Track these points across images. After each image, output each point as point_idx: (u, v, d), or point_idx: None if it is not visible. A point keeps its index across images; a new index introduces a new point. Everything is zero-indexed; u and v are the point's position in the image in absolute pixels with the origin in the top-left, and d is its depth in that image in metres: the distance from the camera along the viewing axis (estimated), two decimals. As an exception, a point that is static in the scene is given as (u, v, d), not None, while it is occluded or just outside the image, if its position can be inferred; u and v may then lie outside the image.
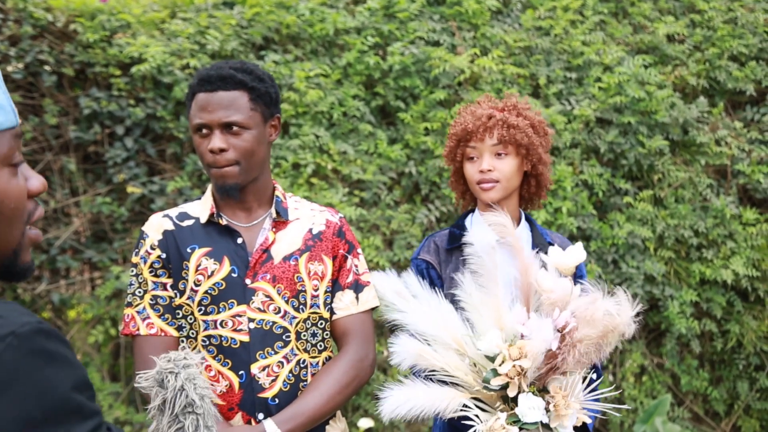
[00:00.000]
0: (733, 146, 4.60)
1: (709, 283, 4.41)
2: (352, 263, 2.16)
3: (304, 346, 2.05)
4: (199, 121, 1.99)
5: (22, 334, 0.87)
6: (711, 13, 5.00)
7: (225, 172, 1.99)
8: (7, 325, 0.87)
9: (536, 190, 2.32)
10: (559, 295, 1.88)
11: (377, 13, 4.51)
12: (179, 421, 1.37)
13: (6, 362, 0.85)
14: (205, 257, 2.02)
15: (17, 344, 0.86)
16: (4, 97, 0.97)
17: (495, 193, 2.21)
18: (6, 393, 0.85)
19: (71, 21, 4.07)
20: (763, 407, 4.50)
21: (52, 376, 0.88)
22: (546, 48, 4.68)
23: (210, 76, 2.00)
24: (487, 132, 2.19)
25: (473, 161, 2.23)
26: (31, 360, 0.87)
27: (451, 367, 1.88)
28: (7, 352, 0.85)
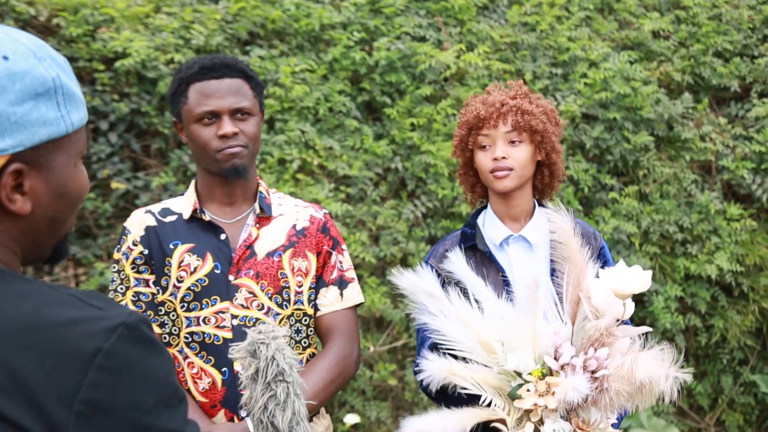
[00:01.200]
0: (717, 142, 4.62)
1: (693, 278, 4.44)
2: (336, 259, 2.15)
3: (288, 342, 2.04)
4: (207, 108, 1.97)
5: (130, 324, 0.91)
6: (696, 10, 5.02)
7: (236, 152, 1.98)
8: (115, 317, 0.91)
9: (549, 180, 2.21)
10: (606, 321, 1.73)
11: (363, 8, 4.50)
12: (271, 389, 1.42)
13: (119, 353, 0.89)
14: (187, 253, 2.01)
15: (127, 334, 0.90)
16: (78, 90, 1.02)
17: (509, 182, 2.10)
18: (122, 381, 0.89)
19: (54, 15, 4.03)
20: (747, 401, 4.53)
21: (156, 362, 0.93)
22: (532, 44, 4.69)
23: (214, 64, 1.99)
24: (501, 118, 2.10)
25: (485, 150, 2.12)
26: (140, 348, 0.91)
27: (482, 383, 1.77)
28: (119, 343, 0.89)
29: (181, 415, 0.96)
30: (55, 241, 1.05)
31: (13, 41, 0.95)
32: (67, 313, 0.90)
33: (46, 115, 0.95)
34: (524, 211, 2.18)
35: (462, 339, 1.79)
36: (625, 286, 1.72)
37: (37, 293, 0.93)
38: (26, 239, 1.00)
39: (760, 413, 4.61)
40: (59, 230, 1.04)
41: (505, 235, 2.15)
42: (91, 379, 0.87)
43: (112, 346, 0.89)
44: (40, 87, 0.95)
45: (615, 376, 1.68)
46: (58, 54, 1.01)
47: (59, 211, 1.01)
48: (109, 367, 0.88)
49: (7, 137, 0.92)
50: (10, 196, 0.95)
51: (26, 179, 0.95)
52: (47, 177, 0.98)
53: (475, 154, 2.17)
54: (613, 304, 1.73)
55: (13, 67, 0.93)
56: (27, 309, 0.91)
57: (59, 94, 0.97)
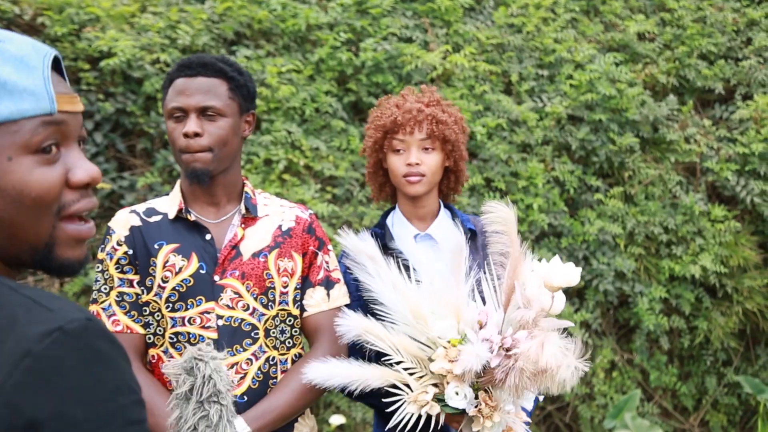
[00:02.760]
0: (702, 144, 4.65)
1: (678, 279, 4.46)
2: (322, 260, 2.15)
3: (273, 343, 2.03)
4: (175, 104, 1.96)
5: (70, 330, 0.86)
6: (681, 12, 5.05)
7: (197, 157, 1.96)
8: (55, 320, 0.86)
9: (455, 185, 2.35)
10: (534, 311, 1.86)
11: (350, 9, 4.50)
12: (204, 409, 1.38)
13: (50, 358, 0.84)
14: (173, 253, 2.00)
15: (63, 340, 0.85)
16: (39, 82, 0.95)
17: (421, 187, 2.21)
18: (48, 388, 0.84)
19: (39, 14, 4.01)
20: (731, 402, 4.56)
21: (99, 375, 0.87)
22: (518, 45, 4.70)
23: (191, 62, 2.00)
24: (417, 126, 2.20)
25: (399, 153, 2.22)
26: (76, 357, 0.86)
27: (396, 346, 1.90)
28: (52, 347, 0.84)
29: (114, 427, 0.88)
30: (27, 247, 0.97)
31: None
32: (13, 315, 0.87)
33: None
34: (430, 211, 2.31)
35: (394, 303, 1.92)
36: (555, 278, 1.87)
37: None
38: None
39: (744, 414, 4.64)
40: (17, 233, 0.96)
41: (412, 233, 2.27)
42: (15, 380, 0.83)
43: (43, 350, 0.84)
44: None
45: (523, 356, 1.80)
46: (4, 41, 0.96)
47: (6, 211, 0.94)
48: (35, 371, 0.84)
49: None
50: None
51: None
52: None
53: (387, 157, 2.27)
54: (543, 295, 1.87)
55: None
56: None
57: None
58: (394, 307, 1.93)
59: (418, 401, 1.85)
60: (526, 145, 4.45)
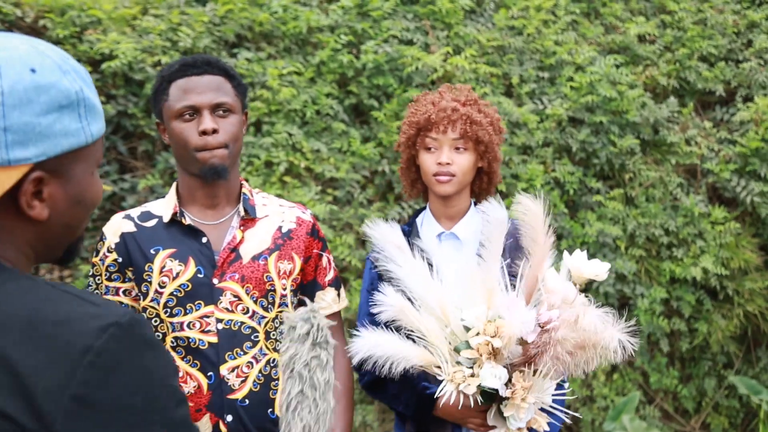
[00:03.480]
0: (702, 146, 4.65)
1: (679, 281, 4.46)
2: (327, 260, 2.16)
3: (273, 345, 2.03)
4: (187, 103, 1.94)
5: (124, 324, 0.92)
6: (681, 14, 5.05)
7: (216, 153, 1.95)
8: (108, 315, 0.93)
9: (487, 187, 2.32)
10: (559, 299, 1.84)
11: (351, 11, 4.50)
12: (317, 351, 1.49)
13: (110, 351, 0.90)
14: (169, 259, 1.98)
15: (119, 334, 0.92)
16: (98, 101, 1.06)
17: (450, 187, 2.19)
18: (110, 380, 0.90)
19: (41, 16, 4.02)
20: (732, 404, 4.56)
21: (150, 364, 0.94)
22: (519, 47, 4.70)
23: (195, 61, 1.98)
24: (450, 125, 2.17)
25: (431, 152, 2.21)
26: (132, 349, 0.93)
27: (428, 331, 1.86)
28: (111, 341, 0.91)
29: (178, 418, 0.97)
30: (68, 244, 1.10)
31: (40, 55, 0.98)
32: (63, 311, 0.93)
33: (69, 127, 0.99)
34: (460, 211, 2.28)
35: (421, 294, 1.89)
36: (585, 270, 1.88)
37: (38, 291, 0.96)
38: (41, 243, 1.04)
39: (745, 416, 4.64)
40: (73, 235, 1.09)
41: (437, 232, 2.26)
42: (81, 376, 0.89)
43: (102, 345, 0.90)
44: (64, 99, 0.99)
45: (562, 326, 1.77)
46: (81, 66, 1.04)
47: (75, 218, 1.06)
48: (98, 366, 0.90)
49: (32, 147, 0.96)
50: (29, 202, 0.99)
51: (46, 187, 0.99)
52: (65, 185, 1.02)
53: (419, 154, 2.25)
54: (567, 288, 1.86)
55: (39, 80, 0.96)
56: (27, 305, 0.93)
57: (81, 106, 1.01)
58: (422, 297, 1.89)
59: (455, 380, 1.81)
60: (526, 147, 4.45)
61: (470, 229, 2.25)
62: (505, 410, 1.85)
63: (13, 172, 0.96)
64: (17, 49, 0.98)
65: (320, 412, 1.44)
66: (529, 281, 1.91)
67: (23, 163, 0.96)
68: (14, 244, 1.02)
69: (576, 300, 1.86)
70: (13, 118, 0.95)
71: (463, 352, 1.81)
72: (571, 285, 1.88)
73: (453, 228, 2.25)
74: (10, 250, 1.01)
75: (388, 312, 1.87)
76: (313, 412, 1.44)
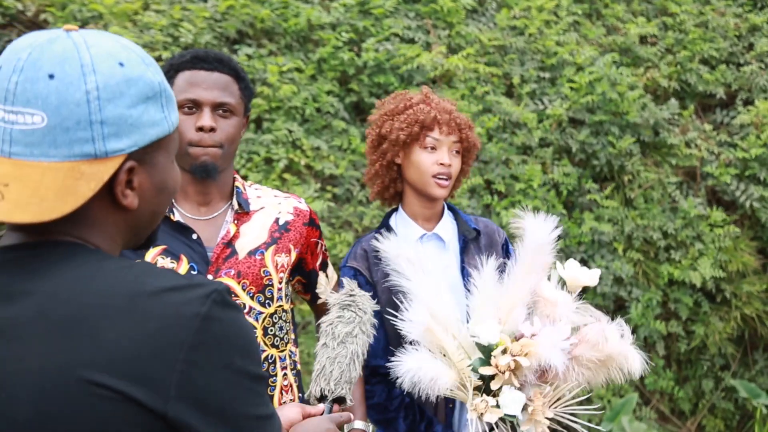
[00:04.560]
0: (702, 148, 4.65)
1: (677, 284, 4.46)
2: (321, 246, 2.17)
3: (271, 341, 2.00)
4: (191, 96, 1.91)
5: (221, 290, 1.00)
6: (683, 17, 5.05)
7: (208, 151, 1.92)
8: (206, 285, 1.00)
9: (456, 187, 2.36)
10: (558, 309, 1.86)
11: (352, 9, 4.50)
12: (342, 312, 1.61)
13: (215, 317, 0.98)
14: (160, 256, 1.94)
15: (220, 300, 0.99)
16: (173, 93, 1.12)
17: (447, 190, 2.19)
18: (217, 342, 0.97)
19: (42, 10, 4.02)
20: (728, 407, 4.56)
21: (245, 324, 1.02)
22: (520, 47, 4.70)
23: (208, 55, 1.95)
24: (454, 128, 2.19)
25: (429, 151, 2.18)
26: (230, 313, 1.00)
27: (450, 350, 1.87)
28: (214, 307, 0.98)
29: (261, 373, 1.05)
30: (151, 231, 1.16)
31: (125, 49, 1.04)
32: (165, 282, 0.99)
33: (154, 117, 1.05)
34: (437, 212, 2.29)
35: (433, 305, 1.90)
36: (580, 277, 1.93)
37: (137, 266, 1.02)
38: (129, 230, 1.10)
39: (741, 419, 4.64)
40: (157, 222, 1.15)
41: (419, 234, 2.23)
42: (191, 341, 0.95)
43: (208, 311, 0.97)
44: (150, 91, 1.05)
45: (583, 345, 1.78)
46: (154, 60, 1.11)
47: (160, 205, 1.12)
48: (206, 330, 0.96)
49: (125, 138, 1.02)
50: (123, 192, 1.04)
51: (136, 176, 1.05)
52: (152, 173, 1.08)
53: (412, 153, 2.20)
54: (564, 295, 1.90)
55: (128, 73, 1.02)
56: (129, 279, 0.99)
57: (163, 97, 1.07)
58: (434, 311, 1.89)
59: (477, 408, 1.82)
60: (526, 147, 4.45)
61: (450, 230, 2.27)
62: (522, 426, 1.84)
63: (110, 163, 1.01)
64: (103, 45, 1.03)
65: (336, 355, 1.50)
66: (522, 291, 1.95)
67: (119, 153, 1.02)
68: (107, 233, 1.07)
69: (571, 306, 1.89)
70: (109, 111, 1.00)
71: (481, 369, 1.81)
72: (566, 294, 1.90)
73: (435, 229, 2.24)
74: (104, 240, 1.07)
75: (415, 331, 1.87)
76: (330, 356, 1.51)
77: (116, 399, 0.93)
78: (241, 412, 1.00)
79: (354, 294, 1.61)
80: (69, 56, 0.99)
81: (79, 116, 0.99)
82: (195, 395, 0.96)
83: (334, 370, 1.50)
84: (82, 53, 1.00)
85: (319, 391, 1.52)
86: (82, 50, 1.00)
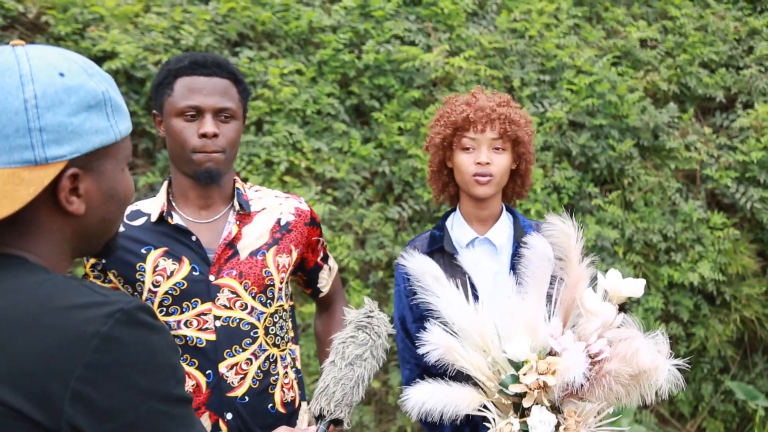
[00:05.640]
0: (702, 152, 4.66)
1: (677, 286, 4.47)
2: (320, 243, 2.21)
3: (272, 340, 2.02)
4: (192, 103, 1.92)
5: (128, 310, 0.99)
6: (683, 20, 5.06)
7: (212, 157, 1.94)
8: (115, 303, 1.00)
9: (520, 189, 2.29)
10: (600, 321, 1.80)
11: (353, 12, 4.51)
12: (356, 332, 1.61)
13: (116, 336, 0.98)
14: (162, 258, 1.96)
15: (125, 319, 0.99)
16: (123, 102, 1.15)
17: (490, 188, 2.15)
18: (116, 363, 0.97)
19: (43, 13, 4.02)
20: (728, 409, 4.57)
21: (153, 346, 1.01)
22: (520, 50, 4.71)
23: (206, 60, 1.96)
24: (489, 124, 2.14)
25: (468, 152, 2.16)
26: (137, 333, 1.00)
27: (473, 367, 1.83)
28: (116, 327, 0.98)
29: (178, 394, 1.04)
30: (106, 239, 1.18)
31: (66, 60, 1.07)
32: (72, 299, 1.00)
33: (98, 125, 1.08)
34: (493, 214, 2.23)
35: (462, 323, 1.85)
36: (623, 289, 1.84)
37: (51, 282, 1.03)
38: (79, 237, 1.12)
39: (741, 421, 4.64)
40: (109, 229, 1.17)
41: (470, 237, 2.20)
42: (88, 360, 0.95)
43: (108, 331, 0.97)
44: (92, 100, 1.07)
45: (615, 359, 1.72)
46: (105, 73, 1.14)
47: (110, 212, 1.14)
48: (104, 350, 0.96)
49: (66, 145, 1.04)
50: (68, 198, 1.06)
51: (81, 183, 1.07)
52: (99, 180, 1.10)
53: (454, 155, 2.20)
54: (606, 308, 1.81)
55: (69, 82, 1.05)
56: (40, 294, 1.01)
57: (108, 105, 1.10)
58: (463, 327, 1.85)
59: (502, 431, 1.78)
60: (526, 150, 4.46)
61: (504, 234, 2.21)
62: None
63: (51, 169, 1.03)
64: (45, 57, 1.05)
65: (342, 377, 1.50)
66: (564, 303, 1.87)
67: (59, 160, 1.04)
68: (50, 240, 1.08)
69: (616, 321, 1.82)
70: (48, 118, 1.03)
71: (511, 386, 1.77)
72: (610, 305, 1.83)
73: (487, 233, 2.21)
74: (44, 246, 1.08)
75: (436, 351, 1.83)
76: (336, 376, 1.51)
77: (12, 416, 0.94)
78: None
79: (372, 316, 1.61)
80: (8, 67, 1.03)
81: (17, 124, 1.01)
82: (90, 415, 0.95)
83: (337, 392, 1.50)
84: (21, 64, 1.03)
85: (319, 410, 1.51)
86: (22, 62, 1.03)
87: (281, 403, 2.05)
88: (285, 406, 2.06)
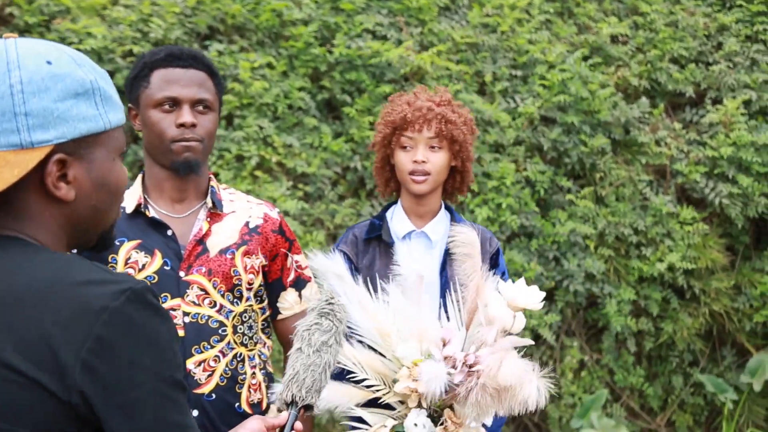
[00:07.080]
0: (672, 147, 4.69)
1: (647, 280, 4.50)
2: (292, 261, 2.15)
3: (240, 339, 2.02)
4: (169, 94, 1.94)
5: (137, 290, 1.03)
6: (653, 16, 5.09)
7: (191, 146, 1.95)
8: (125, 282, 1.04)
9: (460, 186, 2.38)
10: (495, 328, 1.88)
11: (324, 5, 4.48)
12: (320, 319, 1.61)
13: (124, 313, 1.01)
14: (135, 250, 1.96)
15: (134, 298, 1.02)
16: (116, 95, 1.16)
17: (425, 186, 2.24)
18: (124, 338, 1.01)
19: (7, 4, 3.94)
20: (697, 402, 4.61)
21: (158, 327, 1.05)
22: (492, 45, 4.71)
23: (182, 53, 1.98)
24: (426, 124, 2.23)
25: (406, 150, 2.26)
26: (144, 312, 1.04)
27: (363, 364, 1.91)
28: (126, 304, 1.02)
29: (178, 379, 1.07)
30: (101, 230, 1.20)
31: (56, 50, 1.11)
32: (87, 274, 1.05)
33: (86, 112, 1.09)
34: (432, 210, 2.34)
35: (362, 321, 1.94)
36: (519, 299, 1.89)
37: (63, 259, 1.08)
38: (71, 226, 1.14)
39: (709, 414, 4.69)
40: (102, 219, 1.18)
41: (408, 229, 2.30)
42: (98, 332, 0.99)
43: (118, 306, 1.01)
44: (79, 88, 1.09)
45: (484, 373, 1.81)
46: (98, 66, 1.16)
47: (101, 201, 1.15)
48: (113, 324, 1.00)
49: (51, 129, 1.06)
50: (55, 183, 1.08)
51: (70, 169, 1.09)
52: (89, 168, 1.12)
53: (394, 153, 2.30)
54: (505, 315, 1.88)
55: (55, 70, 1.07)
56: (53, 268, 1.05)
57: (97, 95, 1.11)
58: (362, 325, 1.94)
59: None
60: (498, 145, 4.46)
61: (440, 230, 2.31)
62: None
63: (36, 153, 1.06)
64: (34, 46, 1.09)
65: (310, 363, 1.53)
66: (469, 307, 1.96)
67: (44, 144, 1.06)
68: (45, 226, 1.11)
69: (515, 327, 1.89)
70: (33, 104, 1.05)
71: (395, 386, 1.87)
72: (511, 313, 1.90)
73: (424, 227, 2.31)
74: (42, 232, 1.11)
75: None
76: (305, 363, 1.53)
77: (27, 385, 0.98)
78: (148, 412, 1.03)
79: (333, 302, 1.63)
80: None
81: (3, 108, 1.04)
82: (98, 387, 1.00)
83: (307, 378, 1.52)
84: (9, 52, 1.07)
85: (290, 397, 1.53)
86: (10, 50, 1.07)
87: (247, 403, 2.04)
88: (252, 407, 2.05)
